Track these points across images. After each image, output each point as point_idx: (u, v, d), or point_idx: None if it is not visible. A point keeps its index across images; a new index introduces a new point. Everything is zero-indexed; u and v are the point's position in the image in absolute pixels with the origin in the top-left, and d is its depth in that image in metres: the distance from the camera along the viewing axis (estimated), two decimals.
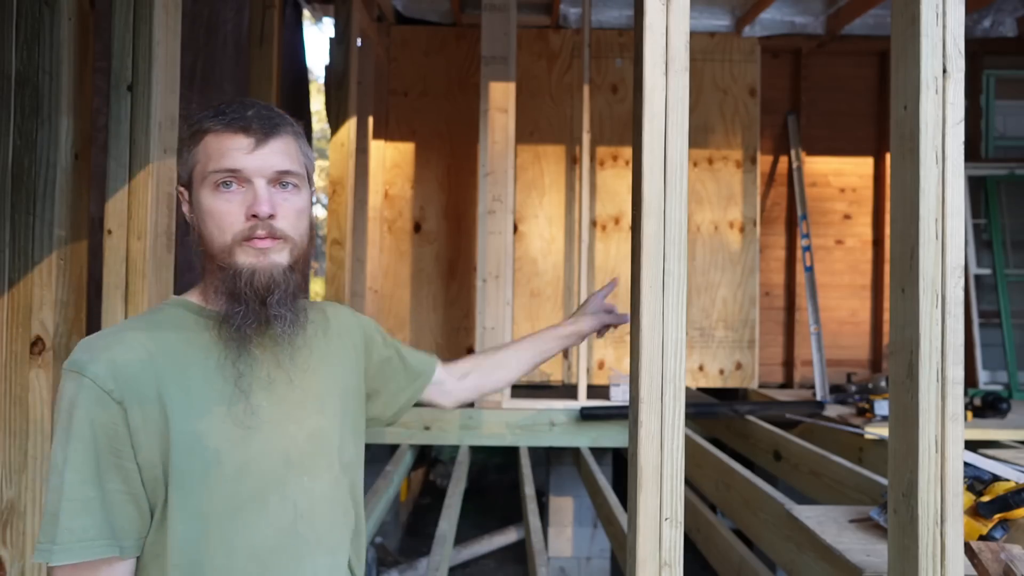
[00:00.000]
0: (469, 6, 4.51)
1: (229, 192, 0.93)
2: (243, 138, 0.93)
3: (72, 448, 0.86)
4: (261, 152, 0.93)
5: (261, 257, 0.93)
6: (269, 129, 0.95)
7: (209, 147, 0.94)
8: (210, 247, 0.94)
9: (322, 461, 1.01)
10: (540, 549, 2.60)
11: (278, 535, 0.94)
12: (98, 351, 0.89)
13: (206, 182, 0.94)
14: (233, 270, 0.93)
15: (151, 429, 0.88)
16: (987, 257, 4.68)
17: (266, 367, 0.97)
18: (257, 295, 0.93)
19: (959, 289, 1.26)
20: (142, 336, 0.93)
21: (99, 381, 0.87)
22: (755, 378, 4.63)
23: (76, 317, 1.66)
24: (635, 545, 1.25)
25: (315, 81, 7.12)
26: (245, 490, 0.92)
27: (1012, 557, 1.51)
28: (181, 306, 0.99)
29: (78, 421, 0.86)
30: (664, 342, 1.25)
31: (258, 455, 0.94)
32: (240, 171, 0.93)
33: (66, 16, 1.60)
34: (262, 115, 0.96)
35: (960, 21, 1.28)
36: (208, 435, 0.91)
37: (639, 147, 1.28)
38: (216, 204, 0.93)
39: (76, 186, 1.64)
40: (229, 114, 0.94)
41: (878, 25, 4.70)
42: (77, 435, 0.86)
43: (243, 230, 0.93)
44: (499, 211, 3.56)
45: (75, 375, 0.88)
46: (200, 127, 0.95)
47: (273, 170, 0.94)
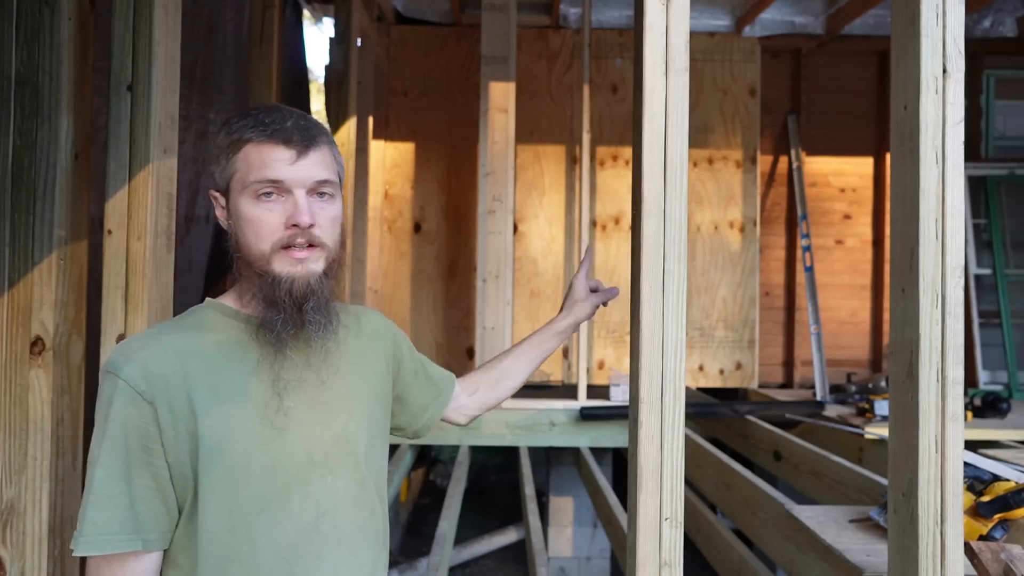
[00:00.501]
0: (469, 6, 4.51)
1: (269, 201, 0.96)
2: (284, 149, 0.96)
3: (104, 446, 0.90)
4: (302, 163, 0.97)
5: (299, 266, 0.97)
6: (309, 140, 0.98)
7: (250, 157, 0.97)
8: (248, 253, 0.98)
9: (348, 461, 1.03)
10: (540, 549, 2.60)
11: (300, 533, 0.97)
12: (132, 353, 0.94)
13: (246, 191, 0.97)
14: (271, 277, 0.96)
15: (180, 428, 0.92)
16: (987, 257, 4.68)
17: (298, 369, 1.01)
18: (295, 302, 0.96)
19: (959, 289, 1.26)
20: (176, 338, 0.97)
21: (132, 382, 0.91)
22: (755, 378, 4.63)
23: (76, 317, 1.66)
24: (635, 545, 1.25)
25: (315, 81, 7.12)
26: (271, 489, 0.96)
27: (1012, 557, 1.51)
28: (216, 309, 1.02)
29: (112, 420, 0.91)
30: (664, 342, 1.25)
31: (284, 455, 0.97)
32: (282, 182, 0.96)
33: (66, 16, 1.60)
34: (301, 126, 0.99)
35: (960, 21, 1.28)
36: (237, 435, 0.95)
37: (639, 147, 1.28)
38: (256, 213, 0.96)
39: (76, 186, 1.64)
40: (270, 124, 0.97)
41: (878, 25, 4.70)
42: (110, 433, 0.90)
43: (282, 238, 0.96)
44: (499, 211, 3.56)
45: (111, 376, 0.92)
46: (240, 136, 0.98)
47: (313, 180, 0.98)
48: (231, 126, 0.99)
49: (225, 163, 0.99)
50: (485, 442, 3.65)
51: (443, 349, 4.63)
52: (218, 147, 1.00)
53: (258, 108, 1.01)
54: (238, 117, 1.00)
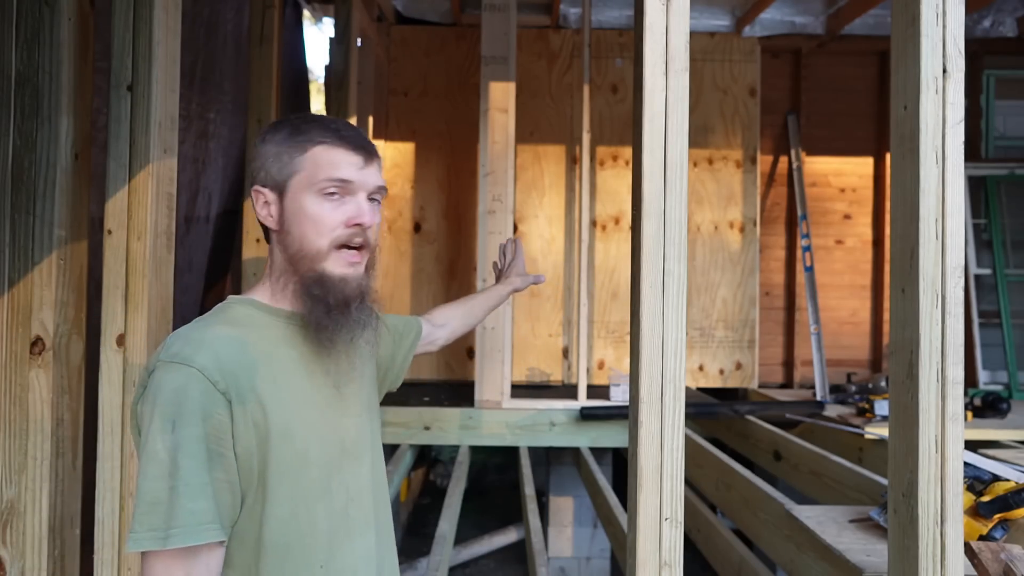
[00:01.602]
0: (469, 6, 4.51)
1: (334, 200, 1.01)
2: (355, 155, 1.03)
3: (184, 435, 0.89)
4: (369, 169, 1.04)
5: (352, 268, 1.03)
6: (373, 150, 1.06)
7: (319, 157, 1.02)
8: (301, 249, 1.01)
9: (365, 448, 1.10)
10: (540, 549, 2.61)
11: (335, 517, 1.02)
12: (200, 344, 0.95)
13: (313, 187, 1.01)
14: (322, 276, 1.01)
15: (249, 421, 0.94)
16: (987, 257, 4.68)
17: (338, 363, 1.06)
18: (346, 302, 1.02)
19: (959, 289, 1.27)
20: (232, 331, 0.99)
21: (207, 373, 0.92)
22: (755, 378, 4.63)
23: (76, 317, 1.66)
24: (635, 545, 1.25)
25: (315, 81, 7.11)
26: (323, 475, 1.01)
27: (1012, 557, 1.51)
28: (250, 305, 1.05)
29: (189, 410, 0.90)
30: (664, 342, 1.25)
31: (328, 443, 1.03)
32: (351, 183, 1.02)
33: (66, 16, 1.60)
34: (362, 136, 1.07)
35: (960, 21, 1.28)
36: (298, 424, 0.99)
37: (639, 147, 1.28)
38: (321, 209, 1.01)
39: (76, 186, 1.64)
40: (339, 131, 1.04)
41: (878, 25, 4.70)
42: (188, 423, 0.90)
43: (341, 235, 1.01)
44: (499, 211, 3.56)
45: (181, 367, 0.92)
46: (310, 138, 1.02)
47: (375, 186, 1.05)
48: (299, 127, 1.04)
49: (287, 161, 1.03)
50: (485, 442, 3.65)
51: (443, 349, 4.61)
52: (277, 145, 1.03)
53: (313, 116, 1.06)
54: (300, 120, 1.05)
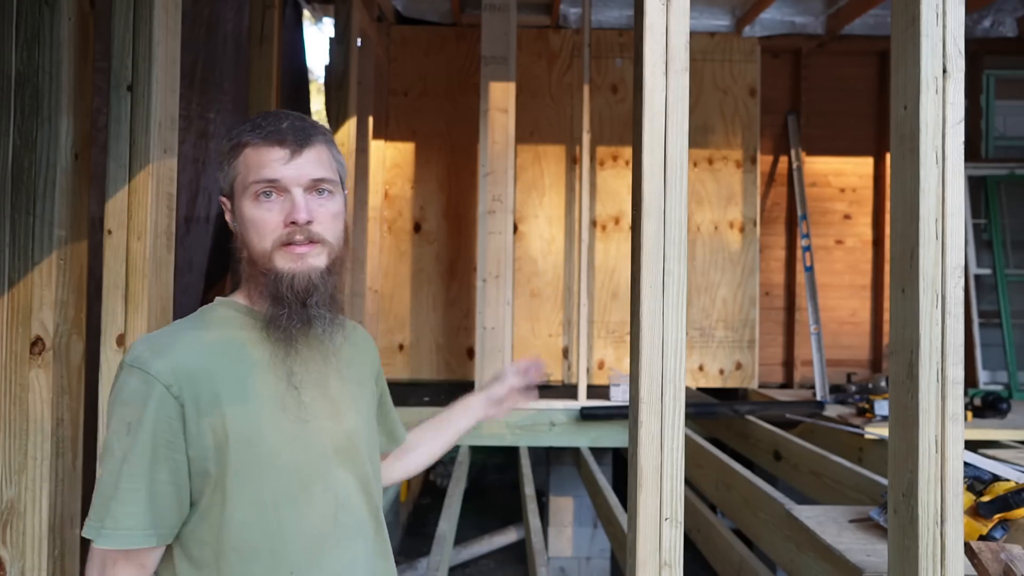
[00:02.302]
0: (469, 6, 4.51)
1: (269, 201, 1.00)
2: (279, 150, 1.00)
3: (133, 441, 0.92)
4: (297, 162, 1.00)
5: (300, 262, 1.00)
6: (303, 139, 1.01)
7: (248, 160, 1.01)
8: (252, 253, 1.01)
9: (356, 456, 1.07)
10: (540, 549, 2.61)
11: (323, 523, 1.01)
12: (161, 349, 0.96)
13: (247, 192, 1.00)
14: (274, 274, 0.99)
15: (204, 424, 0.94)
16: (987, 257, 4.68)
17: (313, 365, 1.04)
18: (298, 297, 1.00)
19: (959, 289, 1.27)
20: (200, 335, 0.99)
21: (161, 378, 0.93)
22: (755, 378, 4.63)
23: (76, 317, 1.66)
24: (635, 545, 1.25)
25: (315, 81, 7.11)
26: (296, 481, 0.99)
27: (1012, 557, 1.51)
28: (230, 307, 1.05)
29: (142, 416, 0.92)
30: (664, 342, 1.25)
31: (307, 448, 1.00)
32: (278, 181, 0.99)
33: (66, 16, 1.60)
34: (296, 126, 1.02)
35: (960, 21, 1.28)
36: (264, 429, 0.97)
37: (639, 147, 1.28)
38: (256, 213, 1.00)
39: (76, 186, 1.64)
40: (265, 127, 1.01)
41: (878, 25, 4.70)
42: (138, 428, 0.92)
43: (282, 236, 0.99)
44: (499, 211, 3.56)
45: (139, 371, 0.94)
46: (239, 141, 1.02)
47: (309, 178, 1.01)
48: (232, 133, 1.04)
49: (228, 168, 1.03)
50: (485, 442, 3.65)
51: (443, 349, 4.64)
52: (221, 154, 1.05)
53: (259, 115, 1.05)
54: (239, 124, 1.05)
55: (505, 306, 3.57)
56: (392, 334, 4.63)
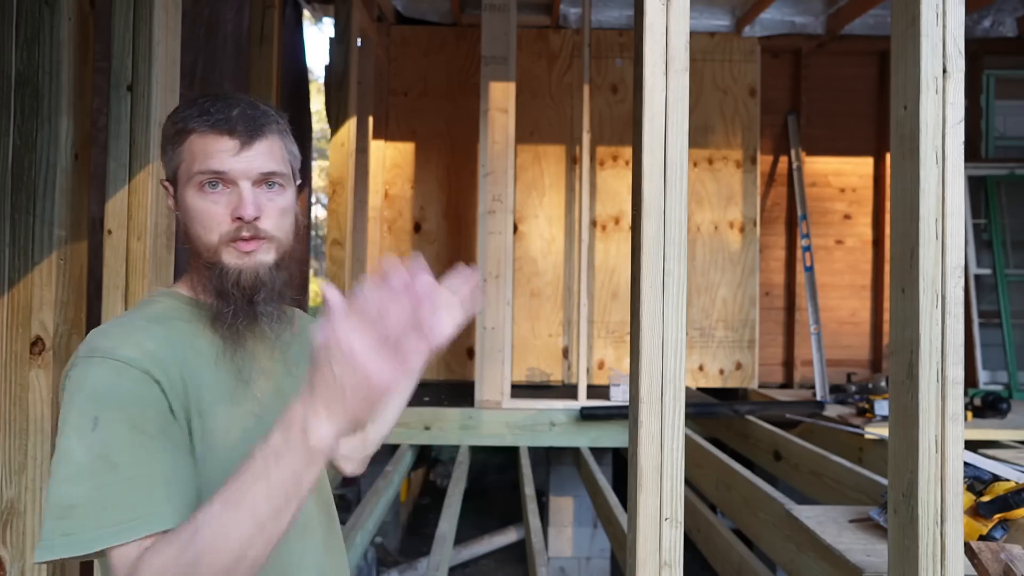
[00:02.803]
0: (469, 6, 4.51)
1: (215, 193, 0.94)
2: (228, 140, 0.93)
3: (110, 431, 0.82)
4: (246, 155, 0.94)
5: (247, 258, 0.95)
6: (254, 130, 0.95)
7: (194, 147, 0.94)
8: (196, 244, 0.96)
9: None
10: (540, 549, 2.61)
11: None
12: (122, 337, 0.88)
13: (191, 182, 0.94)
14: (220, 268, 0.94)
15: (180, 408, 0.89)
16: (987, 257, 4.68)
17: (261, 359, 1.00)
18: (244, 294, 0.95)
19: (959, 289, 1.27)
20: (154, 326, 0.93)
21: (134, 363, 0.85)
22: (755, 378, 4.63)
23: (76, 317, 1.66)
24: (635, 545, 1.25)
25: (315, 81, 7.12)
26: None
27: (1012, 557, 1.51)
28: (173, 297, 0.99)
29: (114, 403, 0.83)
30: (664, 342, 1.25)
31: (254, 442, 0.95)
32: (225, 173, 0.93)
33: (66, 16, 1.60)
34: (247, 115, 0.95)
35: (960, 21, 1.28)
36: (225, 423, 0.93)
37: (639, 147, 1.28)
38: (201, 204, 0.94)
39: (76, 186, 1.64)
40: (214, 114, 0.94)
41: (878, 25, 4.70)
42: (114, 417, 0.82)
43: (229, 231, 0.94)
44: (499, 211, 3.56)
45: (104, 360, 0.85)
46: (184, 126, 0.95)
47: (258, 172, 0.95)
48: (176, 115, 0.97)
49: (171, 153, 0.96)
50: (485, 442, 3.65)
51: (443, 349, 4.63)
52: (164, 137, 0.98)
53: (206, 96, 0.97)
54: (185, 106, 0.97)
55: (505, 306, 3.57)
56: None
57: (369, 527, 2.75)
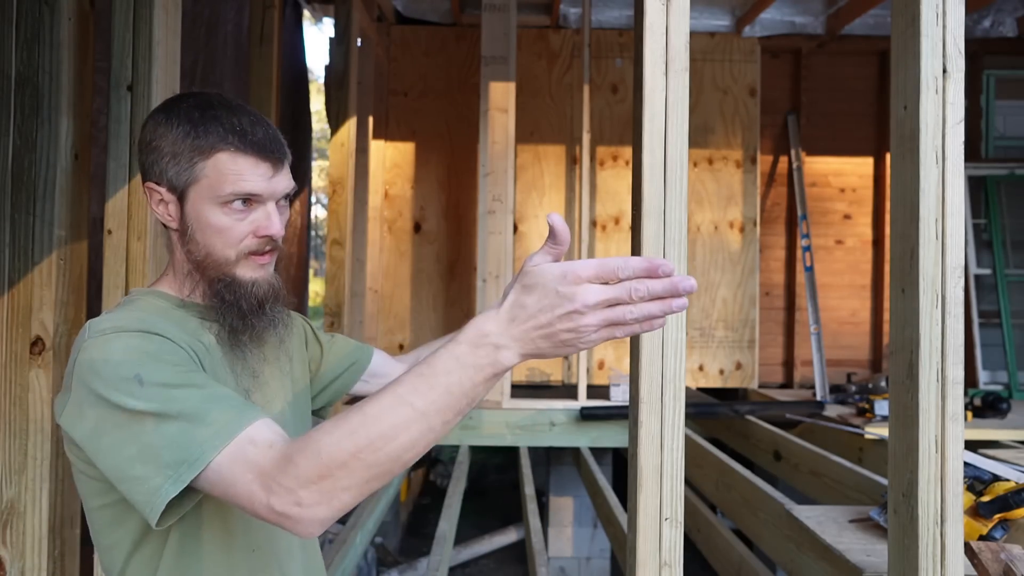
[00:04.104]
0: (469, 6, 4.51)
1: (242, 211, 0.95)
2: (262, 164, 0.94)
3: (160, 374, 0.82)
4: (277, 179, 0.96)
5: (262, 271, 0.98)
6: (282, 155, 0.98)
7: (223, 166, 0.93)
8: (207, 257, 0.96)
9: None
10: (540, 549, 2.61)
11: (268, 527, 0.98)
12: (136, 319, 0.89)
13: (216, 200, 0.93)
14: (231, 280, 0.96)
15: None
16: (987, 257, 4.68)
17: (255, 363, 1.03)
18: (259, 303, 0.98)
19: (959, 289, 1.27)
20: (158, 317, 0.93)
21: (155, 330, 0.86)
22: (755, 378, 4.63)
23: (76, 317, 1.66)
24: (635, 545, 1.25)
25: (315, 81, 7.12)
26: None
27: (1012, 557, 1.51)
28: (160, 297, 0.99)
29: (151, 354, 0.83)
30: (664, 342, 1.25)
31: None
32: (260, 196, 0.95)
33: (66, 16, 1.60)
34: (271, 136, 0.97)
35: (960, 21, 1.28)
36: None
37: (639, 147, 1.28)
38: (226, 222, 0.94)
39: (76, 186, 1.64)
40: (243, 134, 0.93)
41: (878, 25, 4.70)
42: (159, 361, 0.83)
43: (250, 246, 0.96)
44: (499, 211, 3.56)
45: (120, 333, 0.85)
46: (211, 142, 0.93)
47: (284, 193, 0.99)
48: (197, 127, 0.93)
49: (187, 165, 0.93)
50: (485, 442, 3.65)
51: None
52: (176, 144, 0.93)
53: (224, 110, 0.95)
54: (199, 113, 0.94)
55: None
56: (392, 334, 4.63)
57: (369, 527, 2.75)
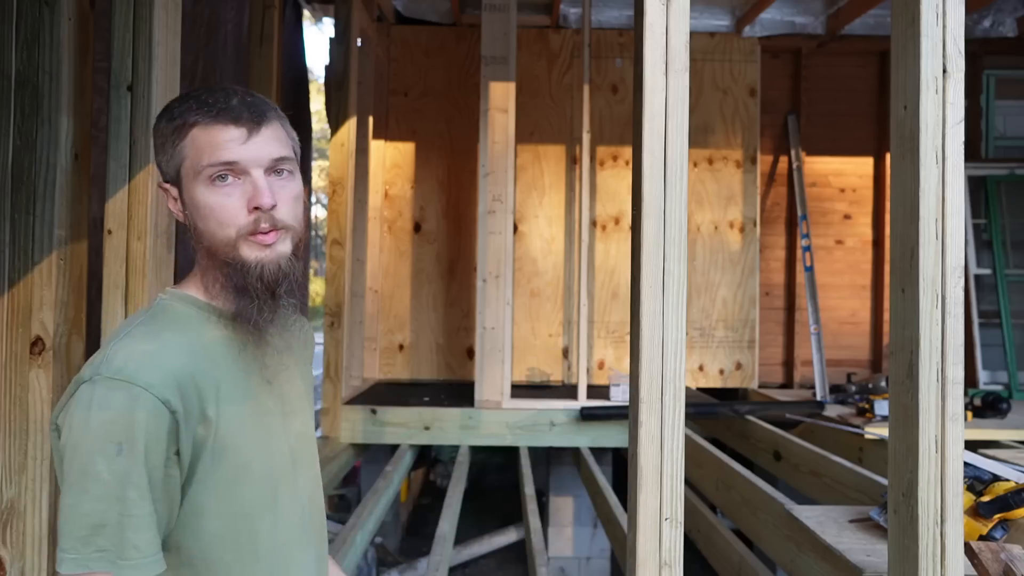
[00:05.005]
0: (469, 6, 4.51)
1: (226, 185, 0.90)
2: (234, 128, 0.90)
3: (131, 462, 0.83)
4: (255, 141, 0.91)
5: (267, 251, 0.92)
6: (259, 116, 0.92)
7: (198, 140, 0.90)
8: (211, 243, 0.92)
9: (310, 457, 1.03)
10: (540, 549, 2.61)
11: (290, 530, 0.96)
12: (147, 358, 0.86)
13: (199, 177, 0.90)
14: (239, 264, 0.91)
15: (190, 436, 0.87)
16: (987, 257, 4.68)
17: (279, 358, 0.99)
18: (268, 288, 0.92)
19: (959, 289, 1.27)
20: (174, 336, 0.91)
21: (154, 391, 0.84)
22: (755, 378, 4.63)
23: (76, 317, 1.66)
24: (635, 545, 1.25)
25: (315, 81, 7.12)
26: (269, 488, 0.94)
27: (1012, 557, 1.51)
28: (187, 302, 0.96)
29: (136, 435, 0.83)
30: (664, 342, 1.25)
31: (276, 453, 0.96)
32: (237, 163, 0.90)
33: (66, 16, 1.60)
34: (247, 102, 0.92)
35: (960, 21, 1.28)
36: (239, 435, 0.91)
37: (639, 147, 1.28)
38: (214, 199, 0.90)
39: (76, 186, 1.64)
40: (214, 104, 0.90)
41: (878, 25, 4.70)
42: (135, 448, 0.83)
43: (247, 224, 0.91)
44: (499, 211, 3.56)
45: (126, 385, 0.83)
46: (184, 120, 0.91)
47: (269, 158, 0.92)
48: (172, 111, 0.92)
49: (172, 151, 0.92)
50: (485, 442, 3.65)
51: (443, 349, 4.63)
52: (161, 135, 0.93)
53: (198, 89, 0.94)
54: (177, 102, 0.94)
55: (505, 306, 3.57)
56: (392, 334, 4.63)
57: (369, 527, 2.75)
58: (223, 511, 0.90)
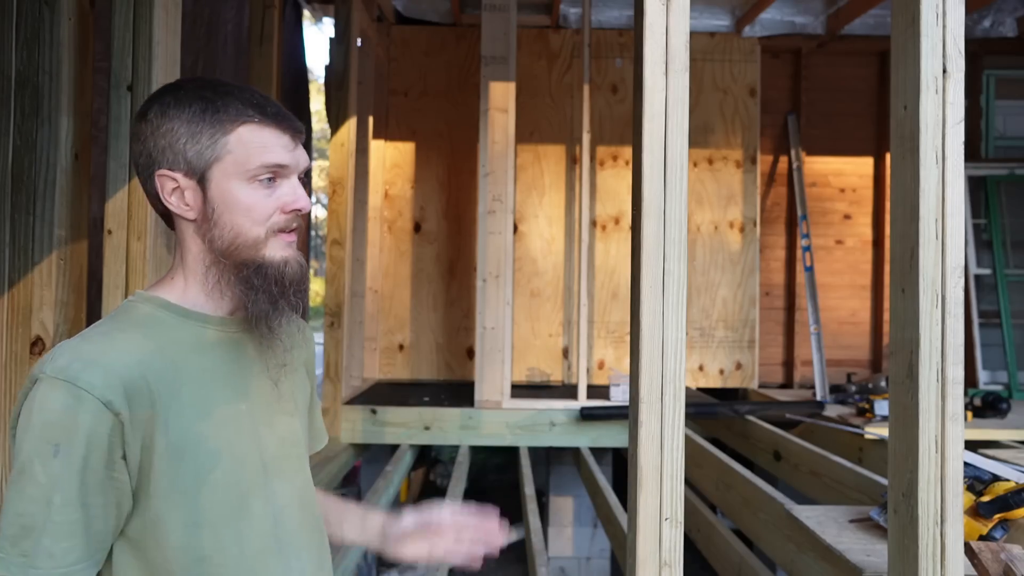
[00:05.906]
0: (469, 6, 4.51)
1: (270, 187, 0.92)
2: (284, 134, 0.92)
3: (62, 464, 0.81)
4: (299, 151, 0.95)
5: (290, 250, 0.95)
6: (300, 127, 0.96)
7: (246, 138, 0.90)
8: (234, 241, 0.91)
9: (294, 463, 1.00)
10: (540, 549, 2.61)
11: (262, 539, 0.93)
12: (92, 359, 0.84)
13: (244, 174, 0.90)
14: (260, 263, 0.92)
15: (139, 437, 0.85)
16: (987, 257, 4.68)
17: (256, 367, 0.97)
18: (291, 286, 0.94)
19: (959, 289, 1.27)
20: (130, 338, 0.88)
21: (96, 392, 0.82)
22: (755, 378, 4.63)
23: (76, 317, 1.66)
24: (635, 545, 1.25)
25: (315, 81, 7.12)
26: (234, 497, 0.91)
27: (1012, 557, 1.51)
28: (155, 304, 0.93)
29: (72, 437, 0.81)
30: (664, 342, 1.25)
31: (243, 460, 0.92)
32: (287, 167, 0.93)
33: (66, 16, 1.60)
34: (285, 111, 0.96)
35: (960, 21, 1.28)
36: (202, 442, 0.89)
37: (639, 147, 1.28)
38: (254, 198, 0.91)
39: (76, 186, 1.64)
40: (264, 106, 0.92)
41: (878, 25, 4.70)
42: (68, 450, 0.81)
43: (279, 222, 0.93)
44: (499, 211, 3.56)
45: (67, 385, 0.81)
46: (231, 116, 0.90)
47: (305, 168, 0.96)
48: (213, 101, 0.90)
49: (208, 143, 0.90)
50: (485, 442, 3.65)
51: (443, 349, 4.63)
52: (189, 123, 0.90)
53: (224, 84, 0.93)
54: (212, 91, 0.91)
55: (505, 306, 3.57)
56: (392, 334, 4.63)
57: None
58: (184, 519, 0.87)
